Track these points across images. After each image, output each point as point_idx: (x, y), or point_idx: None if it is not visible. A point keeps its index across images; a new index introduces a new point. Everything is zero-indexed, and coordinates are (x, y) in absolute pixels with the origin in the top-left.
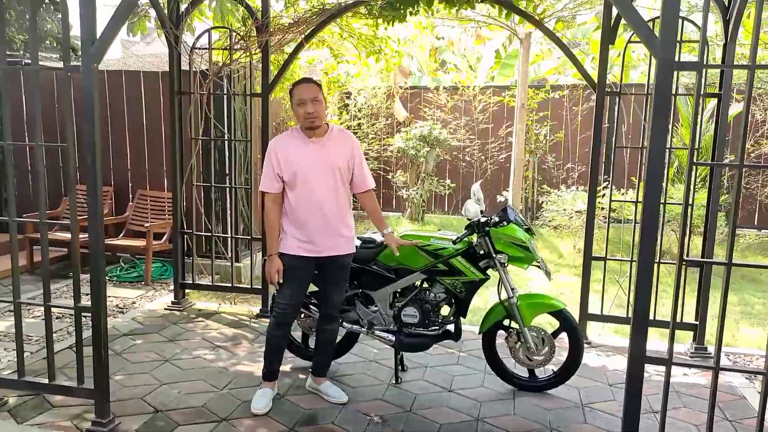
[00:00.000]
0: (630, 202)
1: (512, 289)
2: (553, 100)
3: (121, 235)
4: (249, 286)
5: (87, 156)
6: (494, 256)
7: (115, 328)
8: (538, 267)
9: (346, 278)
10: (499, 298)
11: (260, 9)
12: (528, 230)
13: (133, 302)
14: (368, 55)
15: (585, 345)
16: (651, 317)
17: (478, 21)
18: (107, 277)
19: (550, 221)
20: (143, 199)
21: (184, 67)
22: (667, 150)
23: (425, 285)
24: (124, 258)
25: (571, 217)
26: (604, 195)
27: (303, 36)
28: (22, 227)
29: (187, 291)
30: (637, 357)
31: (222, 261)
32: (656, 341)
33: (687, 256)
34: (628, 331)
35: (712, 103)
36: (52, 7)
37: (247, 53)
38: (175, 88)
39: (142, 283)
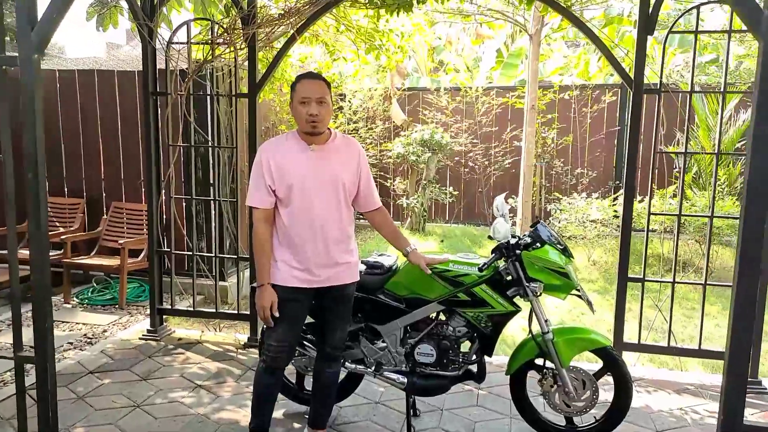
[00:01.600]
0: (672, 215)
1: (546, 322)
2: (561, 101)
3: (93, 252)
4: (235, 311)
5: (26, 171)
6: (526, 284)
7: (80, 363)
8: (579, 296)
9: (350, 312)
10: (531, 333)
11: None
12: (564, 251)
13: (105, 330)
14: (368, 51)
15: None
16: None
17: (484, 17)
18: (77, 300)
19: (561, 231)
20: (118, 212)
21: (161, 65)
22: (686, 155)
23: (443, 317)
24: (97, 278)
25: (584, 226)
26: (616, 203)
27: (294, 29)
28: None
29: (166, 317)
30: None
31: (206, 280)
32: (698, 372)
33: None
34: (665, 360)
35: (732, 102)
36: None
37: (232, 48)
38: (149, 89)
39: (117, 306)
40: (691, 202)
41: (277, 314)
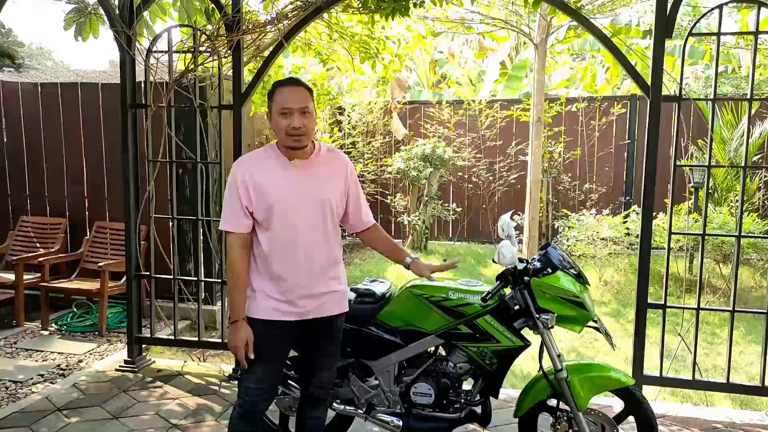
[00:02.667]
0: (694, 234)
1: (559, 357)
2: (568, 114)
3: (74, 275)
4: (219, 340)
5: None
6: (536, 316)
7: (48, 399)
8: (596, 328)
9: (338, 348)
10: (542, 370)
11: (230, 2)
12: (579, 277)
13: (80, 360)
14: (363, 60)
15: None
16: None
17: (487, 27)
18: (56, 327)
19: (569, 249)
20: (101, 232)
21: (142, 75)
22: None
23: (442, 352)
24: (77, 302)
25: (594, 245)
26: (627, 221)
27: (283, 35)
28: None
29: (147, 346)
30: None
31: (191, 303)
32: (727, 407)
33: None
34: (688, 393)
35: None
36: None
37: (215, 57)
38: (128, 101)
39: (96, 333)
40: (709, 218)
41: (252, 355)
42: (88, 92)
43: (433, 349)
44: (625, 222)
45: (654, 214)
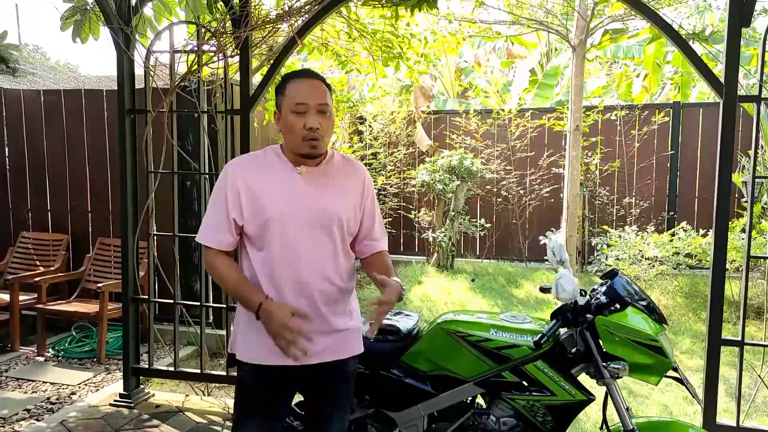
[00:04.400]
0: None
1: (627, 412)
2: (605, 123)
3: (74, 295)
4: (224, 373)
5: None
6: (602, 365)
7: None
8: (677, 379)
9: (350, 397)
10: (607, 428)
11: None
12: (652, 312)
13: (73, 393)
14: (385, 61)
15: None
16: None
17: (517, 31)
18: (53, 353)
19: (608, 269)
20: (105, 249)
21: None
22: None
23: (482, 403)
24: (77, 325)
25: (639, 265)
26: (674, 239)
27: (295, 32)
28: None
29: (144, 377)
30: None
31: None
32: None
33: None
34: None
35: None
36: None
37: (221, 56)
38: (126, 106)
39: (95, 359)
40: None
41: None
42: (92, 99)
43: (470, 399)
44: (672, 240)
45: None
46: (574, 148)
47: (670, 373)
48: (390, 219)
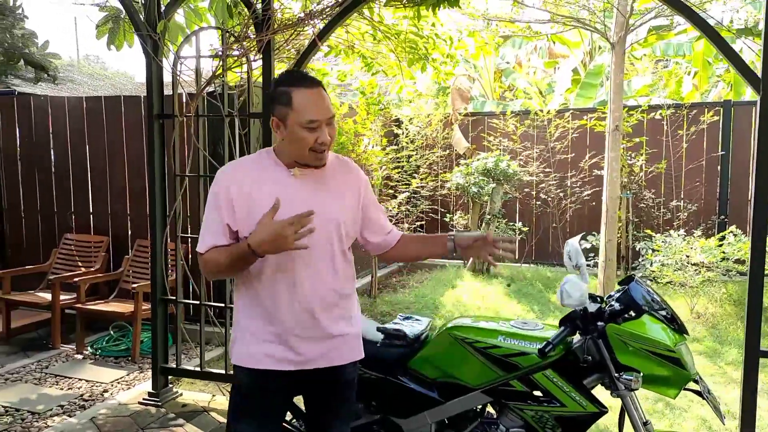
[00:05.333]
0: None
1: (645, 426)
2: (650, 123)
3: (112, 296)
4: None
5: None
6: (615, 375)
7: None
8: (697, 392)
9: (351, 405)
10: None
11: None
12: (672, 322)
13: (106, 390)
14: (410, 62)
15: None
16: None
17: (556, 29)
18: (91, 351)
19: (654, 275)
20: (142, 251)
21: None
22: None
23: (491, 411)
24: (115, 324)
25: (684, 271)
26: (723, 243)
27: (317, 34)
28: None
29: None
30: None
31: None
32: None
33: None
34: None
35: None
36: (3, 16)
37: (244, 60)
38: (155, 111)
39: (130, 358)
40: None
41: (310, 227)
42: (131, 105)
43: (480, 407)
44: (720, 245)
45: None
46: (613, 150)
47: (691, 385)
48: (423, 222)
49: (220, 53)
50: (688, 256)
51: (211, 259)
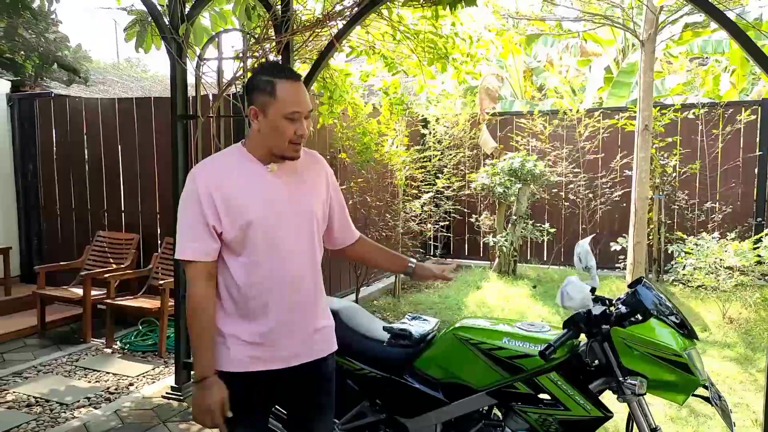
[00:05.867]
0: None
1: (653, 431)
2: (684, 122)
3: (141, 292)
4: None
5: None
6: (621, 379)
7: (86, 426)
8: (707, 399)
9: (333, 398)
10: None
11: (279, 1)
12: (681, 327)
13: (131, 384)
14: (431, 62)
15: None
16: None
17: (584, 26)
18: (119, 345)
19: (686, 278)
20: (171, 248)
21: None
22: None
23: (497, 413)
24: (144, 320)
25: (717, 274)
26: (758, 246)
27: (334, 35)
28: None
29: None
30: None
31: None
32: None
33: None
34: None
35: None
36: (36, 21)
37: (263, 61)
38: (178, 111)
39: (156, 353)
40: None
41: (230, 414)
42: (162, 106)
43: (487, 409)
44: (756, 248)
45: None
46: (642, 150)
47: (700, 391)
48: (447, 222)
49: (242, 55)
50: (721, 260)
51: (198, 294)
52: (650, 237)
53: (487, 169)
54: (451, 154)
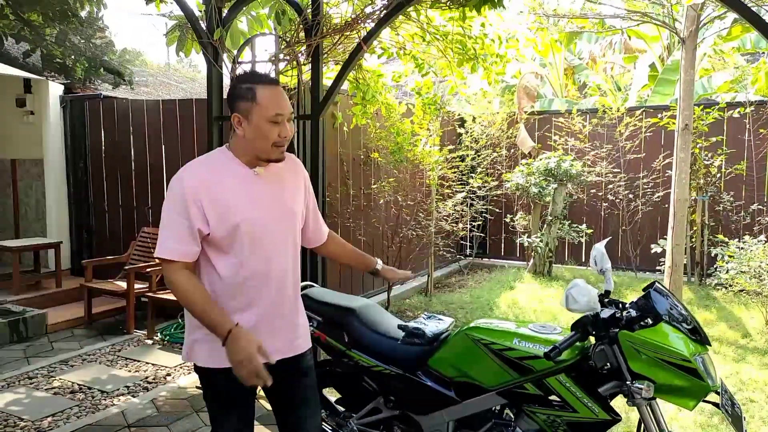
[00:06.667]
0: None
1: None
2: (731, 121)
3: None
4: None
5: None
6: (628, 383)
7: (123, 414)
8: (716, 404)
9: (316, 392)
10: None
11: (310, 5)
12: (694, 333)
13: (168, 374)
14: (460, 63)
15: None
16: None
17: (627, 23)
18: (159, 337)
19: (727, 283)
20: None
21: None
22: None
23: (508, 413)
24: (183, 313)
25: (759, 279)
26: None
27: (362, 38)
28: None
29: None
30: None
31: None
32: None
33: None
34: None
35: None
36: (83, 25)
37: (294, 65)
38: (214, 113)
39: None
40: None
41: (273, 359)
42: (202, 107)
43: (498, 409)
44: None
45: None
46: (683, 150)
47: (712, 397)
48: (479, 222)
49: (274, 58)
50: (766, 263)
51: (186, 288)
52: (693, 239)
53: (522, 169)
54: (486, 154)
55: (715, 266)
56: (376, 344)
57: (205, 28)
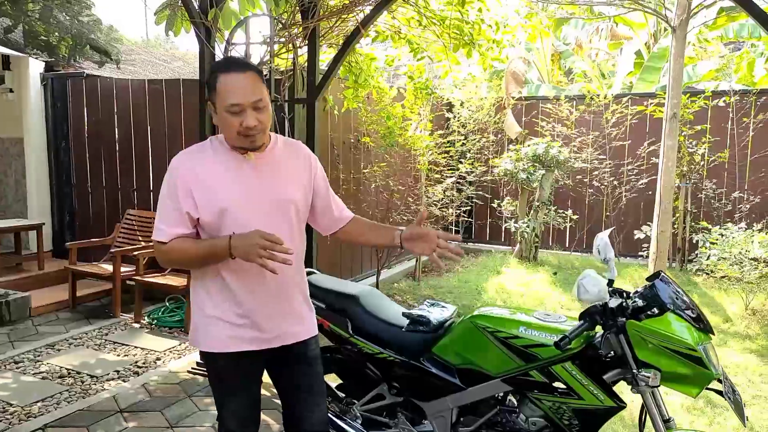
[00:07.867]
0: None
1: (667, 423)
2: (715, 110)
3: (169, 269)
4: None
5: None
6: (635, 371)
7: (115, 399)
8: (719, 392)
9: (323, 383)
10: None
11: None
12: (698, 321)
13: (158, 358)
14: (456, 48)
15: None
16: None
17: (615, 9)
18: (147, 320)
19: (709, 269)
20: None
21: None
22: None
23: (512, 400)
24: (171, 296)
25: (741, 265)
26: None
27: (360, 21)
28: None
29: None
30: None
31: None
32: None
33: None
34: None
35: None
36: (70, 3)
37: (289, 47)
38: (205, 96)
39: (183, 329)
40: None
41: (282, 242)
42: (190, 88)
43: (502, 395)
44: None
45: None
46: (670, 138)
47: (714, 385)
48: (469, 208)
49: (269, 40)
50: (746, 250)
51: (177, 248)
52: (675, 226)
53: (510, 155)
54: (474, 139)
55: (696, 252)
56: (380, 331)
57: (197, 8)
